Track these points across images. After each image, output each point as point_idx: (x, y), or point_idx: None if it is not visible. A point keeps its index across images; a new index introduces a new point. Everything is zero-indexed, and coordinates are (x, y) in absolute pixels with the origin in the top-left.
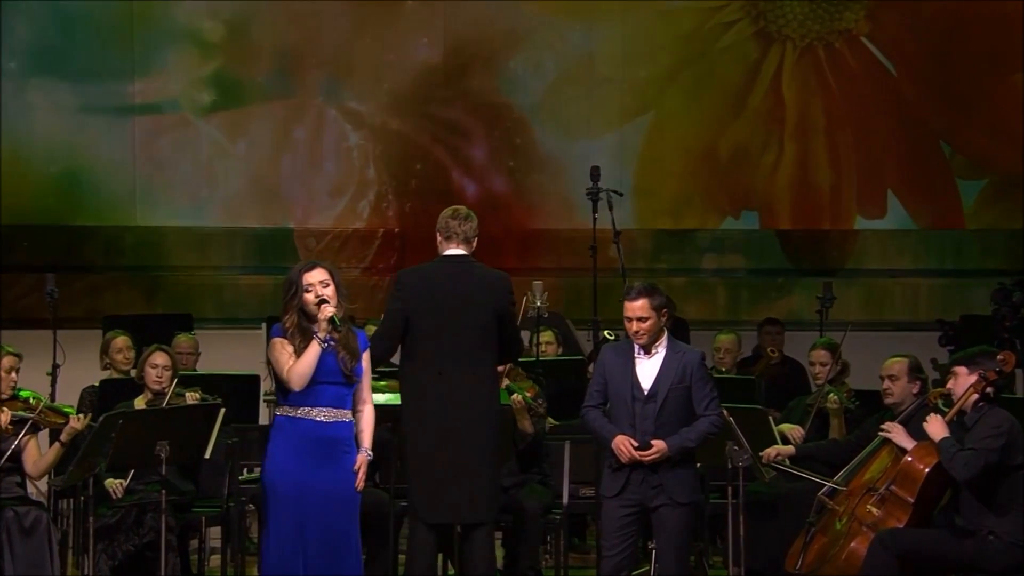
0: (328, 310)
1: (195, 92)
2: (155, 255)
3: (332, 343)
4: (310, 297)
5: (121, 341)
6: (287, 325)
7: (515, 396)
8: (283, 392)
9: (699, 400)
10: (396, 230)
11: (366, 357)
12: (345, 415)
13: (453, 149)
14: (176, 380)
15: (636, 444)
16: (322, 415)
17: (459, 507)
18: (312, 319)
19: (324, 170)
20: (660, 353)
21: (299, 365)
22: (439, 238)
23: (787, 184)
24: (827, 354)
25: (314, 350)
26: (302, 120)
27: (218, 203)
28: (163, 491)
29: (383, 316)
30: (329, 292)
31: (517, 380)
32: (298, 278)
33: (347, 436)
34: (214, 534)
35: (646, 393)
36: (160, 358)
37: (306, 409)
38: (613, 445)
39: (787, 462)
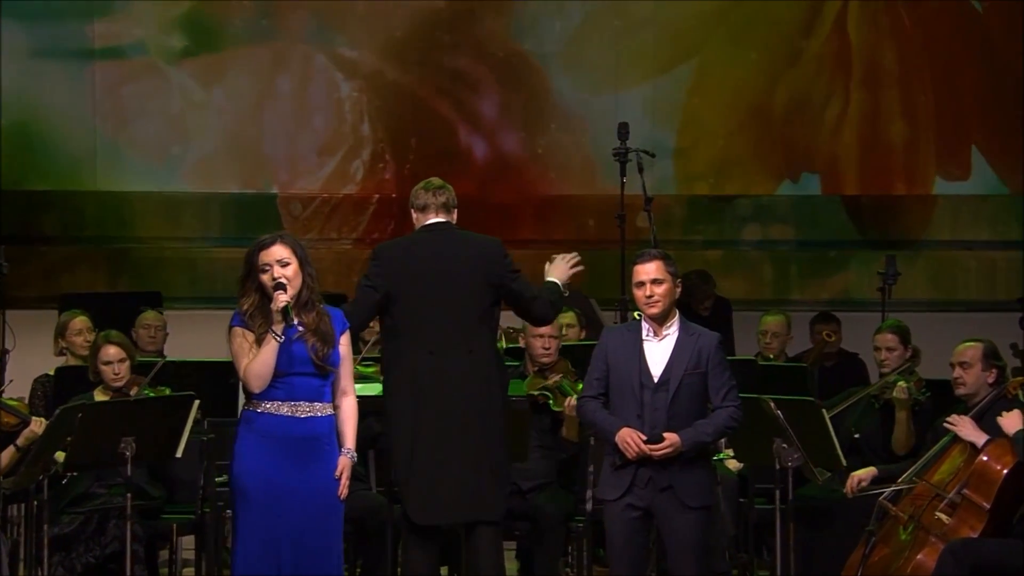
0: (281, 299)
1: (164, 35)
2: (119, 224)
3: (300, 330)
4: (266, 279)
5: (80, 322)
6: (244, 307)
7: (569, 401)
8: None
9: (716, 389)
10: (393, 196)
11: (345, 341)
12: (322, 409)
13: (459, 103)
14: (147, 380)
15: (645, 437)
16: (294, 410)
17: (455, 505)
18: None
19: (312, 126)
20: (672, 335)
21: (254, 365)
22: (414, 214)
23: (853, 142)
24: (895, 338)
25: (270, 348)
26: (287, 68)
27: (191, 164)
28: (128, 495)
29: (356, 291)
30: (289, 272)
31: (568, 378)
32: (254, 257)
33: (325, 432)
34: (187, 544)
35: (656, 380)
36: (112, 352)
37: (275, 403)
38: (618, 438)
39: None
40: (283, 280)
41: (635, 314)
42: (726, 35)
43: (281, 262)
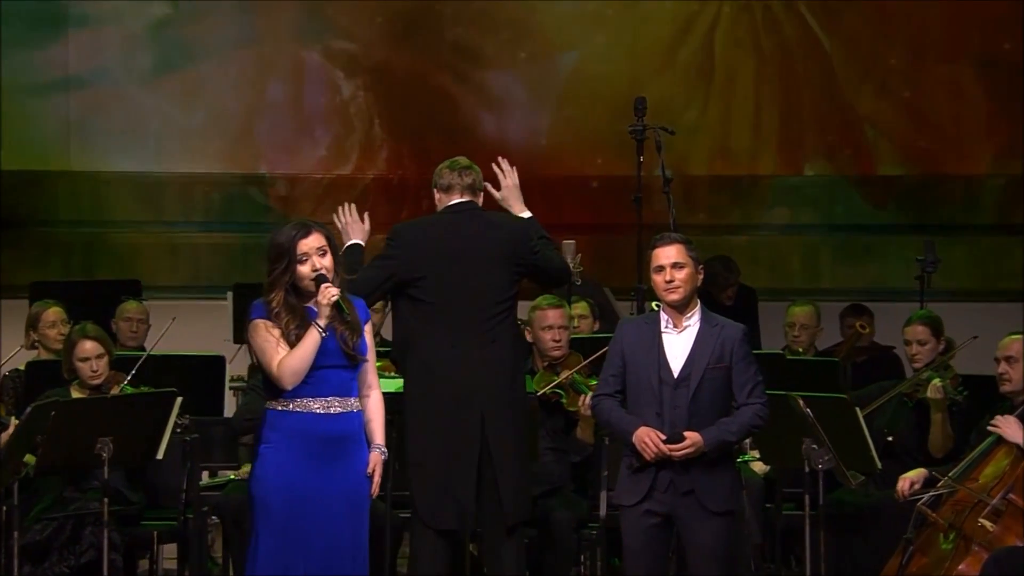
0: (331, 292)
1: (141, 3)
2: (95, 207)
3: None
4: (305, 270)
5: (53, 314)
6: (273, 303)
7: (584, 399)
8: (272, 383)
9: (741, 385)
10: (392, 177)
11: (369, 330)
12: (353, 404)
13: (462, 76)
14: (128, 377)
15: (664, 437)
16: (326, 406)
17: (479, 510)
18: (304, 296)
19: (304, 100)
20: (693, 327)
21: (293, 359)
22: (437, 194)
23: (896, 115)
24: (926, 330)
25: (312, 340)
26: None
27: (173, 142)
28: (105, 500)
29: (369, 263)
30: (327, 263)
31: (581, 373)
32: (292, 246)
33: (356, 429)
34: (168, 553)
35: (676, 376)
36: (88, 346)
37: (304, 401)
38: (635, 438)
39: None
40: (324, 272)
41: (652, 304)
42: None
43: (320, 250)
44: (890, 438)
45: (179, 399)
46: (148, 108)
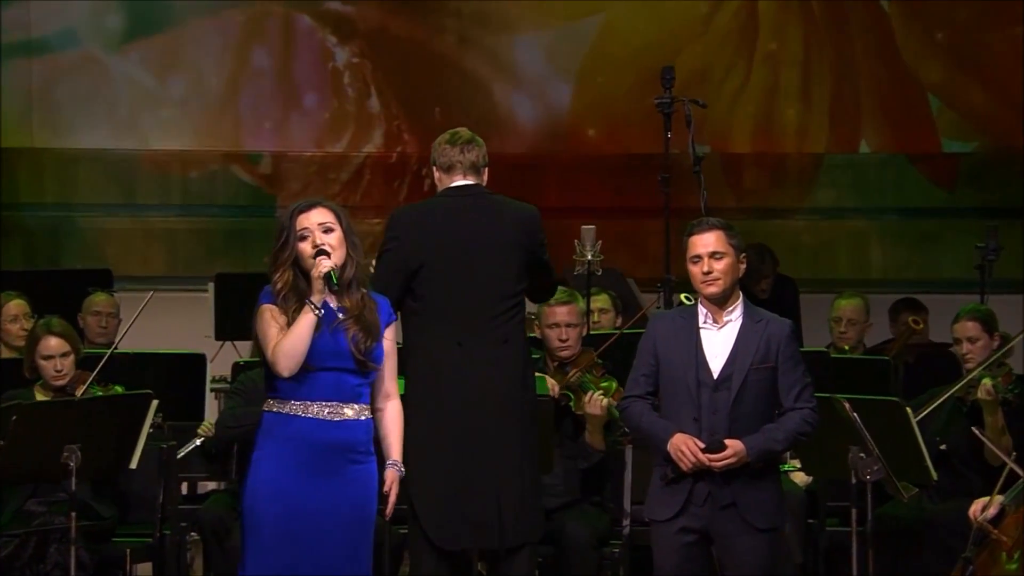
0: (325, 264)
1: None
2: (61, 189)
3: (340, 316)
4: (306, 247)
5: (15, 307)
6: (279, 286)
7: (595, 398)
8: (273, 380)
9: (787, 387)
10: (390, 155)
11: (390, 336)
12: (360, 411)
13: (470, 42)
14: (93, 375)
15: (703, 445)
16: (326, 411)
17: (486, 527)
18: (310, 278)
19: (292, 68)
20: (734, 322)
21: (285, 341)
22: (436, 173)
23: (965, 84)
24: (977, 326)
25: (307, 320)
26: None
27: (147, 115)
28: (72, 514)
29: (376, 268)
30: (332, 240)
31: (591, 372)
32: (291, 221)
33: (361, 439)
34: (142, 572)
35: (716, 376)
36: (53, 344)
37: (303, 404)
38: (670, 447)
39: None
40: (326, 247)
41: (682, 297)
42: None
43: (323, 226)
44: (943, 446)
45: (155, 402)
46: (119, 76)
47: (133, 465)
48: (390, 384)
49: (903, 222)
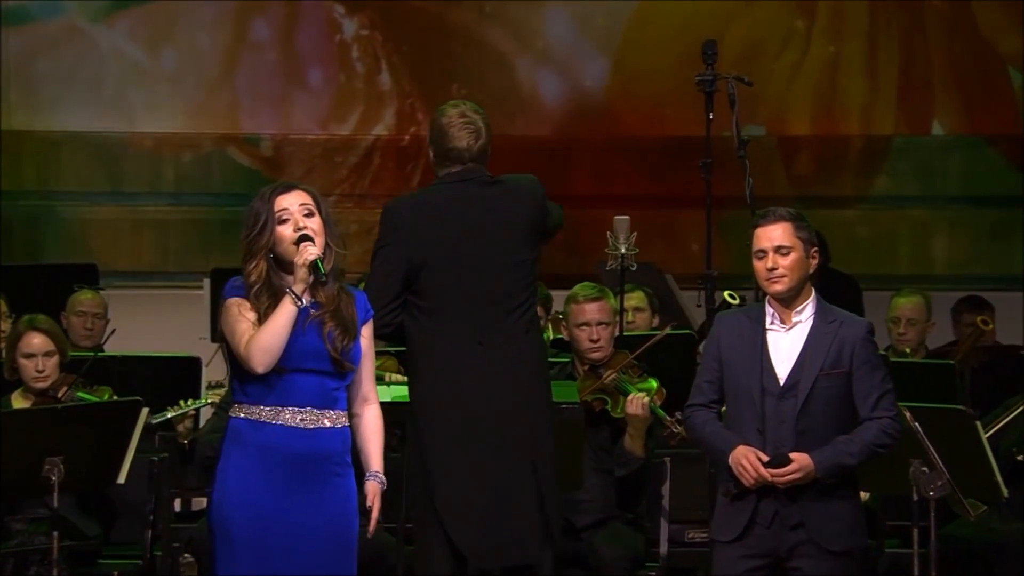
0: (310, 251)
1: None
2: (42, 176)
3: (313, 312)
4: (286, 231)
5: None
6: (252, 278)
7: (637, 400)
8: (241, 382)
9: (864, 394)
10: (402, 137)
11: (367, 333)
12: (336, 418)
13: (492, 12)
14: (77, 378)
15: (766, 459)
16: (299, 418)
17: (525, 543)
18: (288, 268)
19: (295, 41)
20: (804, 323)
21: (262, 335)
22: (431, 153)
23: None
24: None
25: (287, 311)
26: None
27: (136, 93)
28: (55, 533)
29: (372, 265)
30: (314, 224)
31: (628, 373)
32: (268, 204)
33: (338, 450)
34: None
35: (782, 383)
36: (36, 341)
37: (273, 409)
38: (732, 460)
39: None
40: (308, 231)
41: (725, 295)
42: None
43: (305, 208)
44: (1020, 457)
45: (145, 409)
46: (105, 50)
47: (121, 480)
48: (368, 387)
49: (972, 211)
